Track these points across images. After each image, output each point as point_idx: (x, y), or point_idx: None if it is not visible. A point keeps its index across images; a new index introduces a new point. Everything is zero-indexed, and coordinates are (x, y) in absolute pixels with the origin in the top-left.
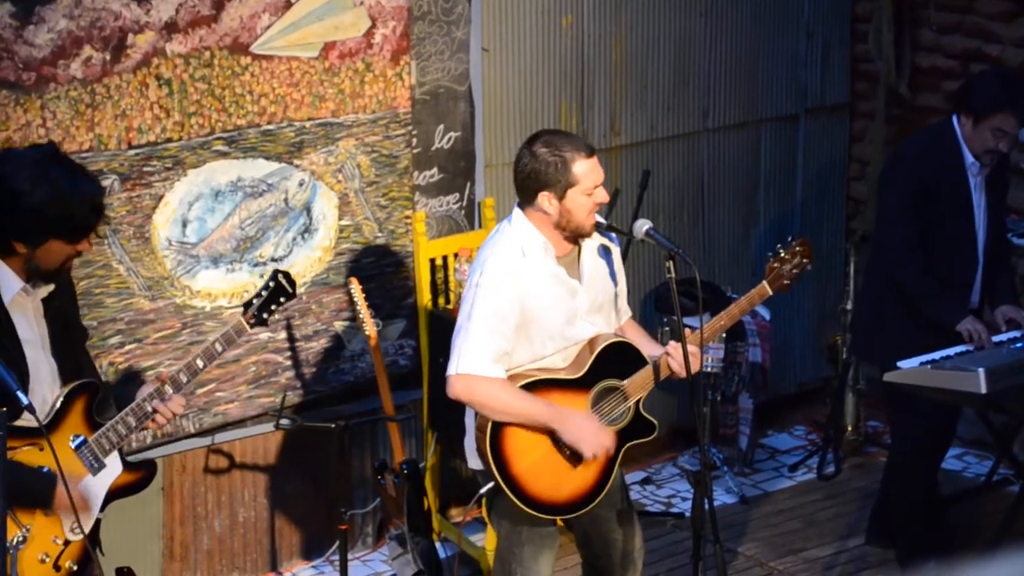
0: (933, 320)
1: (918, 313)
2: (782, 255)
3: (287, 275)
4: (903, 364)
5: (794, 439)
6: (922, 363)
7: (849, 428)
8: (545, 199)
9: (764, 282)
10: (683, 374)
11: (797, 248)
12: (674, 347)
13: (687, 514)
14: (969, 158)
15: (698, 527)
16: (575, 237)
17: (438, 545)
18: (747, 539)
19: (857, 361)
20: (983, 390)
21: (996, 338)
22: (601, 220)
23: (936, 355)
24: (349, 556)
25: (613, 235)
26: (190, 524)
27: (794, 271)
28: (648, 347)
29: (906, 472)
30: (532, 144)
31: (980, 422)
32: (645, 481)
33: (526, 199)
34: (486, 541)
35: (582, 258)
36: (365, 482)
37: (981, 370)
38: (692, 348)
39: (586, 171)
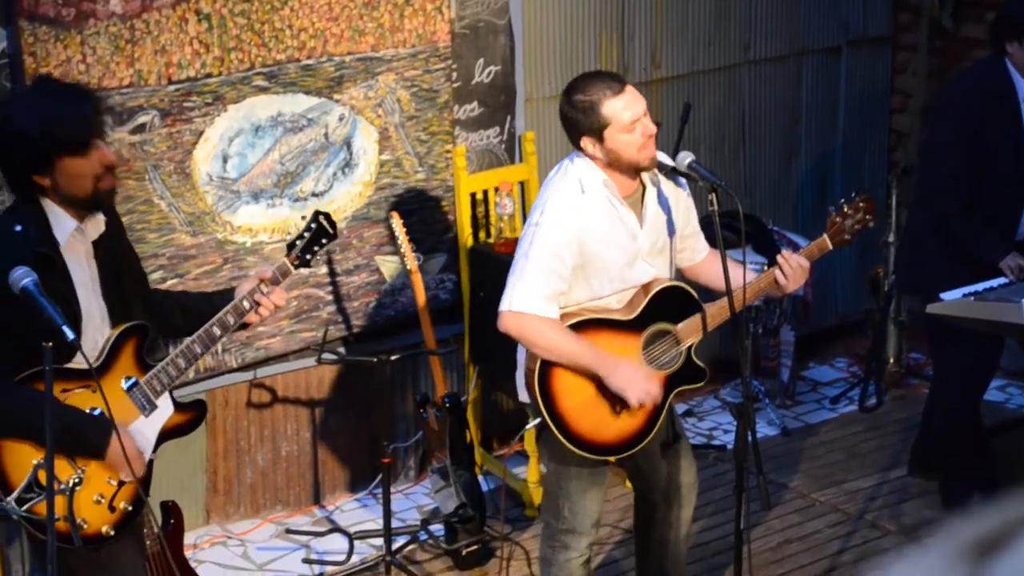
0: (975, 256)
1: (961, 247)
2: (845, 210)
3: (328, 216)
4: (946, 296)
5: (836, 371)
6: (965, 295)
7: (891, 360)
8: (588, 144)
9: (825, 235)
10: (790, 288)
11: (861, 204)
12: (786, 256)
13: (729, 446)
14: (1023, 89)
15: (741, 459)
16: (635, 172)
17: (480, 478)
18: (789, 471)
19: (899, 293)
20: None
21: None
22: (668, 162)
23: (979, 286)
24: (392, 489)
25: (682, 179)
26: (233, 458)
27: (856, 227)
28: (734, 274)
29: (949, 404)
30: (569, 92)
31: (1023, 353)
32: (687, 414)
33: (576, 146)
34: (528, 474)
35: (646, 199)
36: (407, 416)
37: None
38: (803, 260)
39: (618, 109)
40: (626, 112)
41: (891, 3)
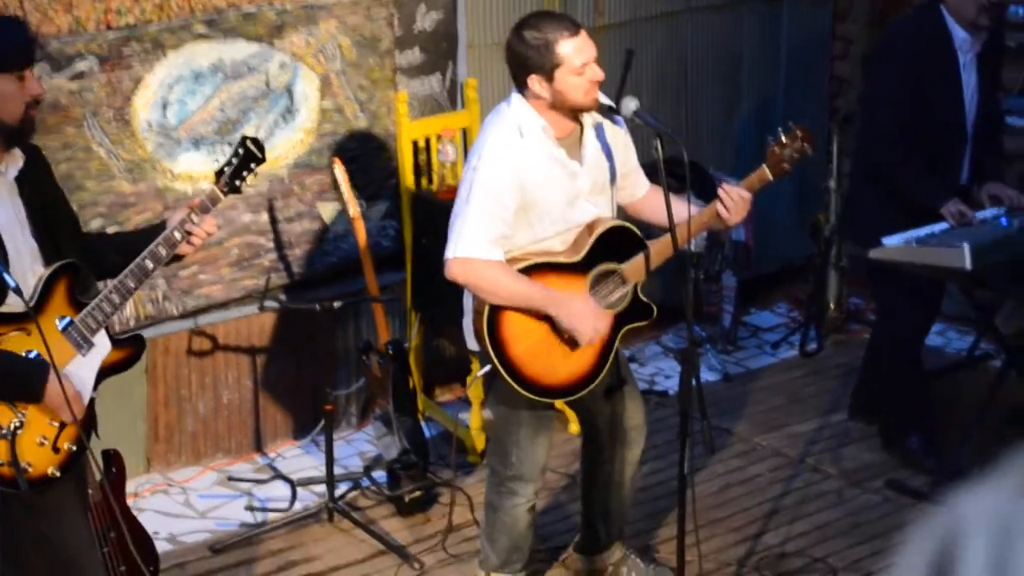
0: (917, 203)
1: (903, 194)
2: (783, 139)
3: (256, 140)
4: (888, 241)
5: (776, 316)
6: (907, 240)
7: (832, 305)
8: (535, 82)
9: (764, 166)
10: (733, 220)
11: (798, 133)
12: (726, 189)
13: (671, 392)
14: (960, 36)
15: (685, 404)
16: (576, 114)
17: (423, 424)
18: (731, 416)
19: (839, 238)
20: (968, 266)
21: (980, 214)
22: (606, 102)
23: (921, 231)
24: (334, 436)
25: (619, 118)
26: (174, 406)
27: (794, 155)
28: (676, 209)
29: (890, 348)
30: (520, 28)
31: (963, 298)
32: (629, 360)
33: (519, 84)
34: (471, 420)
35: (584, 139)
36: (349, 363)
37: (966, 245)
38: (744, 192)
39: (572, 50)
40: (579, 55)
41: None
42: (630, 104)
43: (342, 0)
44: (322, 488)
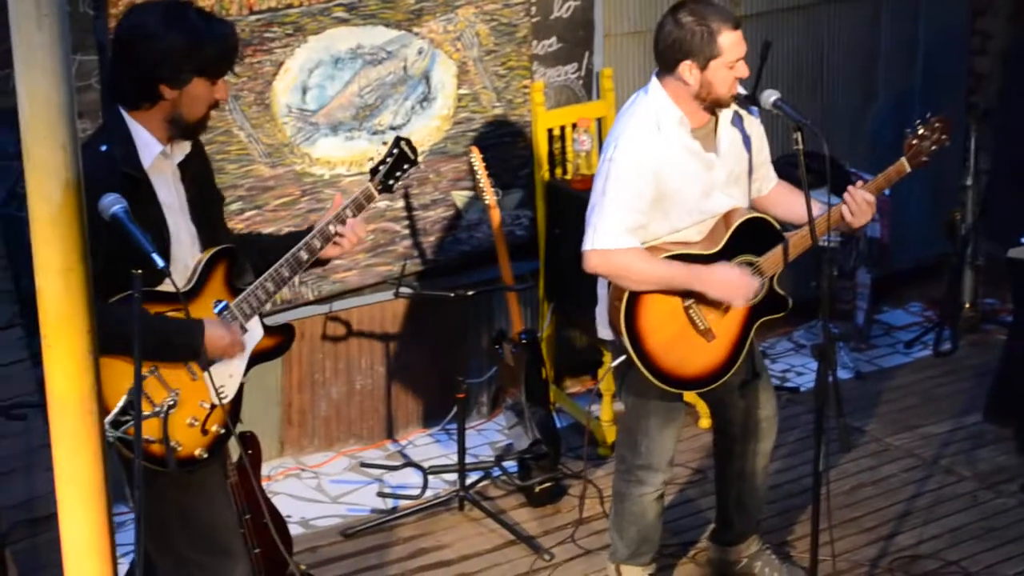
0: None
1: None
2: (921, 132)
3: (409, 142)
4: None
5: (910, 315)
6: None
7: (967, 305)
8: (687, 68)
9: (903, 158)
10: (857, 224)
11: (936, 124)
12: (851, 192)
13: (802, 389)
14: None
15: (821, 401)
16: (714, 107)
17: (554, 415)
18: (863, 415)
19: (976, 237)
20: None
21: None
22: (742, 91)
23: None
24: (466, 425)
25: (754, 108)
26: (308, 391)
27: (933, 147)
28: (802, 207)
29: None
30: (677, 12)
31: None
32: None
33: (666, 68)
34: (602, 412)
35: (719, 130)
36: (481, 352)
37: None
38: (868, 196)
39: (731, 43)
40: (735, 49)
41: None
42: (771, 96)
43: None
44: (453, 476)
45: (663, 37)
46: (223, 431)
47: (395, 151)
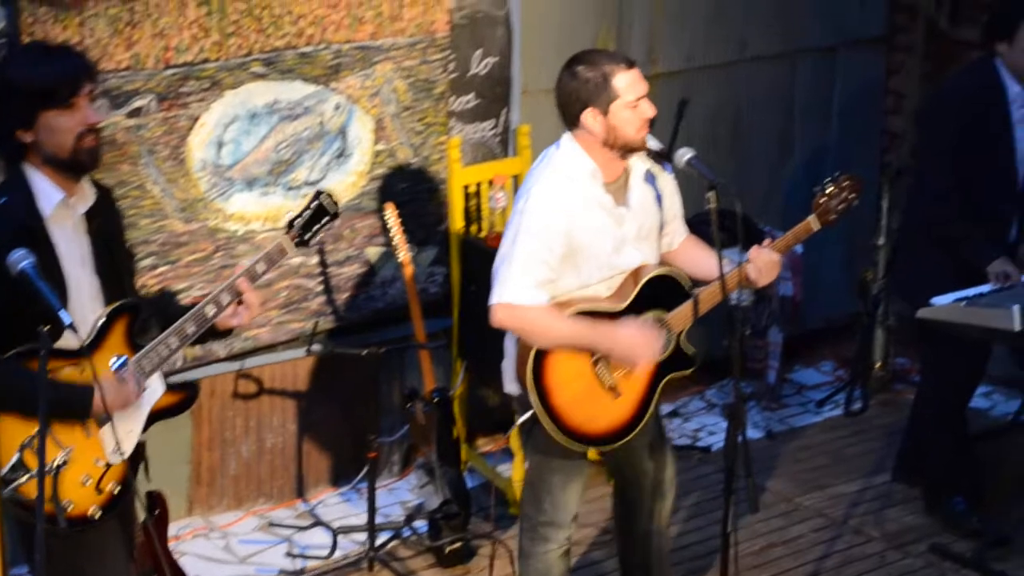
0: (966, 261)
1: (952, 252)
2: (829, 189)
3: (330, 196)
4: (937, 300)
5: (821, 374)
6: (956, 300)
7: (877, 364)
8: (590, 116)
9: (811, 216)
10: (762, 282)
11: (845, 183)
12: (756, 252)
13: (714, 448)
14: (1014, 90)
15: (731, 461)
16: (626, 153)
17: (465, 475)
18: (773, 474)
19: (887, 296)
20: (1017, 327)
21: None
22: (656, 146)
23: (970, 292)
24: (376, 484)
25: (667, 164)
26: (218, 449)
27: (841, 206)
28: (710, 264)
29: (935, 409)
30: (571, 65)
31: (1010, 360)
32: (672, 415)
33: (571, 122)
34: (513, 471)
35: (630, 184)
36: (393, 410)
37: (1016, 307)
38: (773, 255)
39: (627, 83)
40: (633, 89)
41: (887, 3)
42: (685, 154)
43: (398, 43)
44: (363, 536)
45: (562, 92)
46: (119, 489)
47: (314, 204)
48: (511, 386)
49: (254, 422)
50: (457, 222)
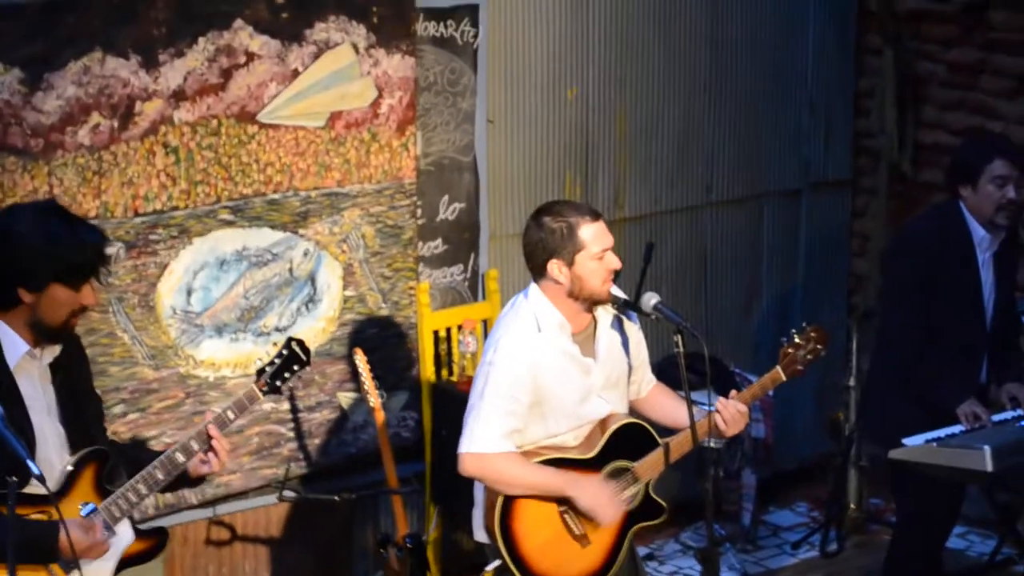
0: (933, 403)
1: (920, 394)
2: (796, 340)
3: (301, 343)
4: (908, 441)
5: (796, 516)
6: (927, 440)
7: (852, 505)
8: (555, 267)
9: (778, 367)
10: (730, 433)
11: (812, 334)
12: (723, 404)
13: None
14: (979, 233)
15: None
16: (591, 305)
17: None
18: None
19: (859, 438)
20: (989, 468)
21: (999, 416)
22: (620, 295)
23: (941, 432)
24: None
25: (632, 312)
26: None
27: (808, 357)
28: (678, 412)
29: (910, 550)
30: (538, 216)
31: (984, 500)
32: (648, 557)
33: (538, 272)
34: None
35: (597, 334)
36: (367, 555)
37: (987, 448)
38: (741, 407)
39: (593, 235)
40: (599, 241)
41: (851, 147)
42: (651, 299)
43: (366, 189)
44: None
45: (528, 242)
46: None
47: (284, 352)
48: (480, 534)
49: (227, 569)
50: (428, 367)
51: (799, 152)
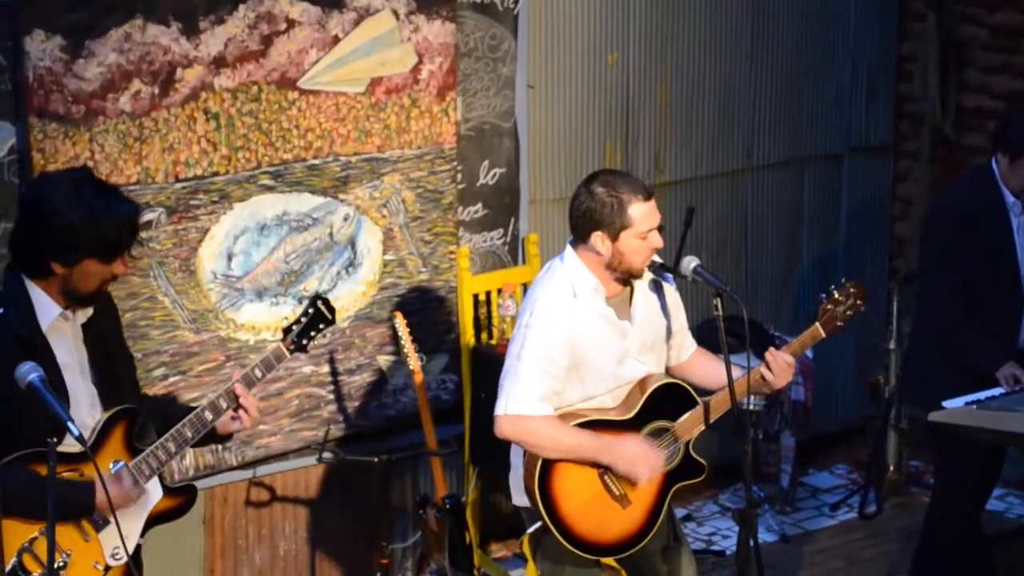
0: (972, 367)
1: (960, 358)
2: (836, 297)
3: (326, 301)
4: (948, 404)
5: (835, 478)
6: (967, 403)
7: (891, 467)
8: (598, 239)
9: (817, 324)
10: (778, 384)
11: (851, 290)
12: (771, 354)
13: (728, 552)
14: (1010, 198)
15: (743, 566)
16: (627, 279)
17: None
18: None
19: (899, 400)
20: None
21: None
22: (656, 259)
23: (982, 395)
24: None
25: (668, 275)
26: (231, 557)
27: (848, 313)
28: (721, 374)
29: (950, 513)
30: (590, 183)
31: None
32: (686, 519)
33: (580, 237)
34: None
35: (634, 297)
36: (406, 516)
37: None
38: (788, 358)
39: (642, 214)
40: (647, 221)
41: (893, 111)
42: (691, 262)
43: (406, 154)
44: None
45: (576, 207)
46: None
47: (311, 310)
48: (519, 498)
49: (267, 530)
50: (467, 330)
51: (841, 116)
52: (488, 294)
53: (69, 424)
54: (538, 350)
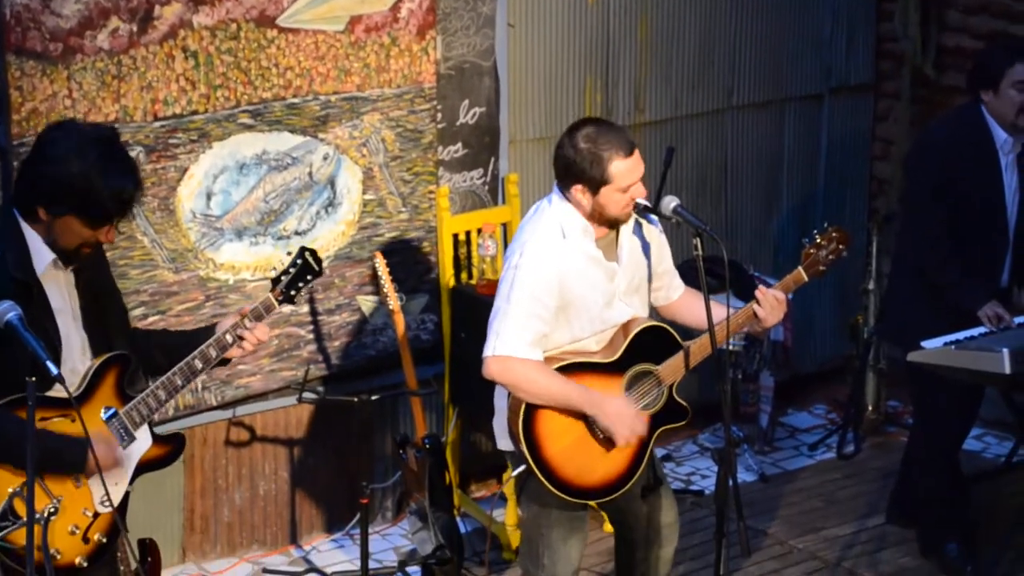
0: (955, 305)
1: (942, 297)
2: (818, 241)
3: (314, 253)
4: (927, 344)
5: (814, 418)
6: (946, 343)
7: (869, 407)
8: (578, 191)
9: (800, 268)
10: (769, 323)
11: (834, 234)
12: (762, 292)
13: (707, 492)
14: (1001, 136)
15: (721, 505)
16: (610, 225)
17: (458, 520)
18: (767, 517)
19: (881, 341)
20: (1007, 370)
21: (1020, 319)
22: (641, 201)
23: (960, 335)
24: (369, 530)
25: (652, 216)
26: (211, 497)
27: (830, 257)
28: (716, 308)
29: (928, 452)
30: (574, 134)
31: (1002, 402)
32: (665, 458)
33: (563, 185)
34: (506, 516)
35: (620, 239)
36: (386, 456)
37: (1006, 350)
38: (779, 294)
39: (622, 170)
40: (628, 176)
41: (873, 51)
42: (671, 202)
43: (386, 93)
44: None
45: (558, 156)
46: (105, 540)
47: (298, 261)
48: (503, 442)
49: (247, 470)
50: (447, 270)
51: (821, 56)
52: (468, 234)
53: (48, 364)
54: (527, 291)
